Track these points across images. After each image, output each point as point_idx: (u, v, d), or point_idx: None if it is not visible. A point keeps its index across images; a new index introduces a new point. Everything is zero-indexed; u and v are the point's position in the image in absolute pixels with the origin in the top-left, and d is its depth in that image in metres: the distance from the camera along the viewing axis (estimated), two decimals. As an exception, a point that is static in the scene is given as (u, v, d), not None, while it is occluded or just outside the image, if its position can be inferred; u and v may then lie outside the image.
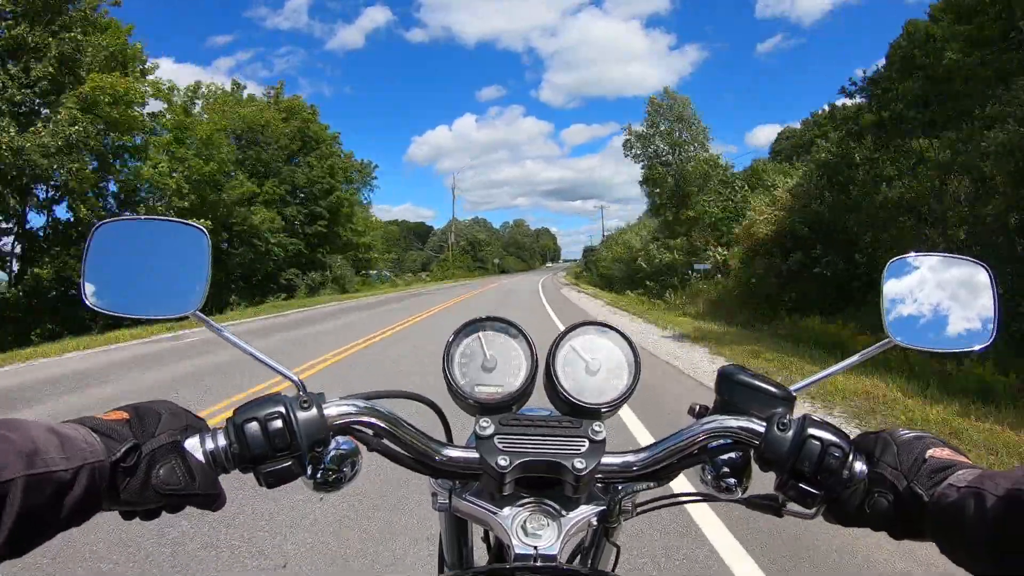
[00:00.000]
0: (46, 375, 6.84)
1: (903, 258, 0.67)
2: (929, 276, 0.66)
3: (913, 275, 0.66)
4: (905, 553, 2.44)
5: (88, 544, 2.50)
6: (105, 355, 8.36)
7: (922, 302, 0.65)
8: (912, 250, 0.70)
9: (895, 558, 2.43)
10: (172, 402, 0.56)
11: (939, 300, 0.65)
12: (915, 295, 0.66)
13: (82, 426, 0.49)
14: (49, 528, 0.45)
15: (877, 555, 2.46)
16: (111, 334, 10.55)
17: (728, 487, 0.64)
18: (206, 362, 7.26)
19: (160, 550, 2.49)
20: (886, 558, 2.44)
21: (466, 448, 0.62)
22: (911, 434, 0.56)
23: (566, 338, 0.66)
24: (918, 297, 0.66)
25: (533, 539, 0.59)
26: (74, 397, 5.60)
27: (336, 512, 2.86)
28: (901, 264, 0.67)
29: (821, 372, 0.67)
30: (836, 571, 2.36)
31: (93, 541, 2.52)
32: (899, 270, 0.67)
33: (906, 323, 0.65)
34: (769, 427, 0.57)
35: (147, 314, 0.62)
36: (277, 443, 0.54)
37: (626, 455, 0.62)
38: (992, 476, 0.47)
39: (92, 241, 0.61)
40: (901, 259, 0.67)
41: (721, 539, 2.61)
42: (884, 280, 0.66)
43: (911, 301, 0.65)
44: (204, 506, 0.54)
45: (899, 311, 0.65)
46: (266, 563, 2.42)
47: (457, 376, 0.64)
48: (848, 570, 2.38)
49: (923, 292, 0.66)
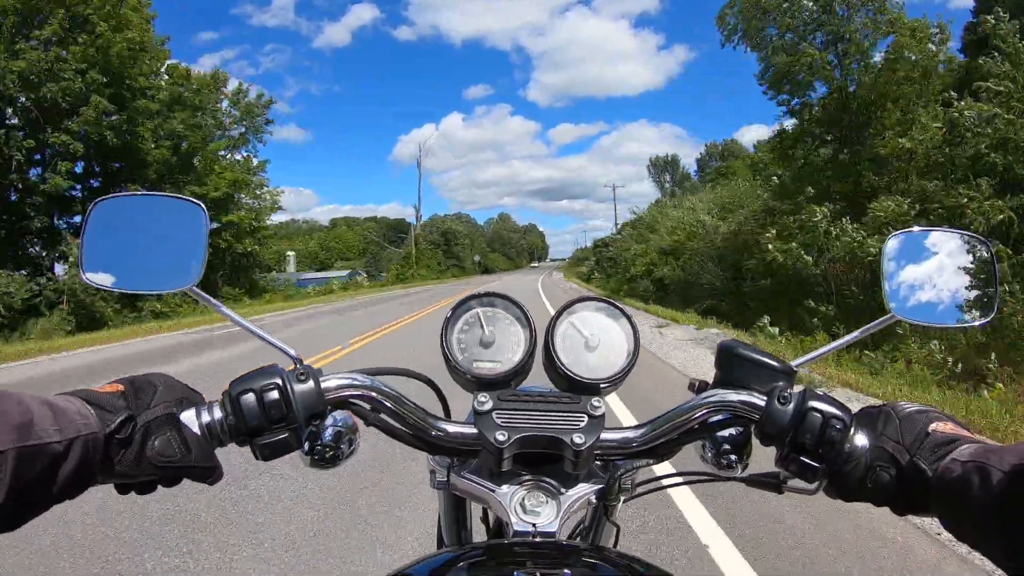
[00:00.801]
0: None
1: (904, 232, 0.67)
2: (931, 250, 0.66)
3: (914, 249, 0.66)
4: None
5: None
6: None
7: (923, 277, 0.65)
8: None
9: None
10: (168, 375, 0.56)
11: (940, 275, 0.65)
12: (916, 269, 0.65)
13: (76, 398, 0.49)
14: (42, 501, 0.45)
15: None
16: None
17: (729, 463, 0.64)
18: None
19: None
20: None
21: (464, 424, 0.62)
22: (914, 408, 0.55)
23: (565, 314, 0.66)
24: (919, 271, 0.65)
25: (532, 516, 0.59)
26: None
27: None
28: (902, 238, 0.66)
29: (822, 347, 0.67)
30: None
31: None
32: (900, 244, 0.66)
33: (907, 297, 0.65)
34: (770, 400, 0.57)
35: (144, 289, 0.62)
36: (273, 415, 0.53)
37: (625, 431, 0.62)
38: (997, 451, 0.46)
39: (90, 217, 0.61)
40: (902, 233, 0.67)
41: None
42: (884, 254, 0.65)
43: (913, 275, 0.65)
44: (200, 479, 0.54)
45: (900, 285, 0.65)
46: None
47: (455, 352, 0.64)
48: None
49: (924, 267, 0.65)
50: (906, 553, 2.46)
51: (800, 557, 2.42)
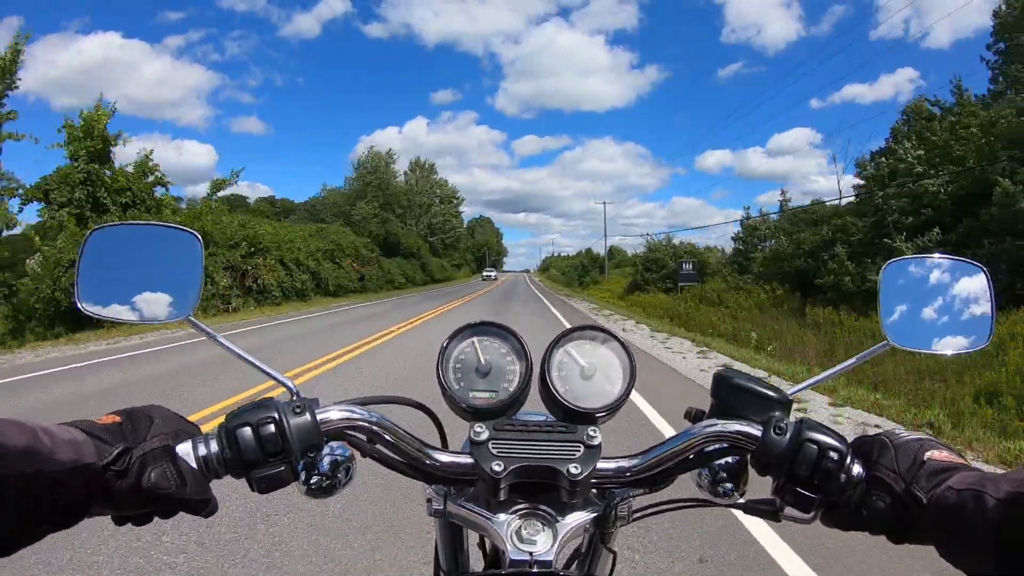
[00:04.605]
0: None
1: (900, 260, 0.67)
2: (927, 278, 0.66)
3: (910, 277, 0.66)
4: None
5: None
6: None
7: (919, 304, 0.65)
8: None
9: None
10: (165, 407, 0.56)
11: (936, 302, 0.65)
12: (913, 297, 0.65)
13: (74, 428, 0.49)
14: (38, 528, 0.45)
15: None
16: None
17: (725, 492, 0.64)
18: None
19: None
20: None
21: (460, 453, 0.61)
22: (909, 436, 0.55)
23: (561, 343, 0.65)
24: (916, 299, 0.65)
25: (528, 545, 0.59)
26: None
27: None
28: (899, 266, 0.67)
29: (819, 375, 0.67)
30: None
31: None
32: (897, 272, 0.66)
33: (904, 325, 0.65)
34: (766, 431, 0.57)
35: (141, 319, 0.62)
36: (269, 448, 0.53)
37: (621, 460, 0.62)
38: (993, 478, 0.46)
39: (87, 246, 0.61)
40: (898, 261, 0.67)
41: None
42: (881, 282, 0.65)
43: (909, 303, 0.65)
44: (195, 511, 0.54)
45: (897, 313, 0.65)
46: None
47: (451, 381, 0.64)
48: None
49: (921, 294, 0.65)
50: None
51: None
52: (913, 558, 2.47)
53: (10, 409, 5.43)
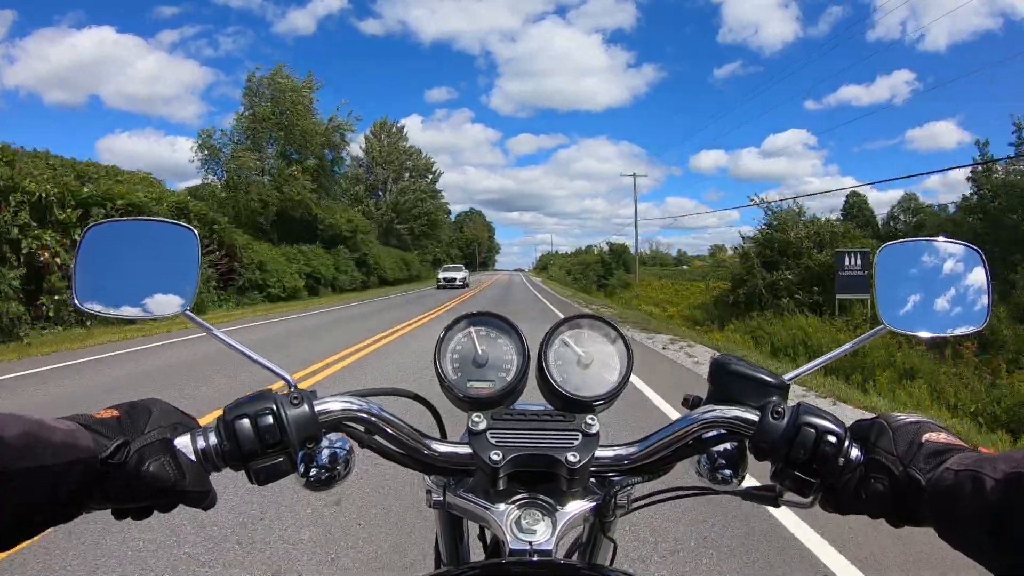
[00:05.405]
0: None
1: (896, 243, 0.67)
2: (922, 261, 0.66)
3: (907, 260, 0.66)
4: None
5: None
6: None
7: (915, 287, 0.65)
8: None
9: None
10: (164, 401, 0.56)
11: (932, 284, 0.65)
12: (908, 280, 0.65)
13: (72, 422, 0.49)
14: (36, 523, 0.45)
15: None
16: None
17: (724, 478, 0.64)
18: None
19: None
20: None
21: (459, 444, 0.62)
22: (907, 419, 0.55)
23: (557, 332, 0.66)
24: (911, 282, 0.65)
25: (528, 534, 0.59)
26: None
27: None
28: (894, 249, 0.66)
29: (816, 360, 0.67)
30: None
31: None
32: (892, 256, 0.66)
33: (899, 308, 0.65)
34: (763, 416, 0.57)
35: (138, 315, 0.62)
36: (267, 440, 0.53)
37: (619, 448, 0.62)
38: (991, 459, 0.46)
39: (83, 242, 0.61)
40: (894, 244, 0.67)
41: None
42: (877, 266, 0.65)
43: (904, 286, 0.65)
44: (195, 504, 0.54)
45: (892, 296, 0.65)
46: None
47: (449, 372, 0.64)
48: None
49: (916, 277, 0.65)
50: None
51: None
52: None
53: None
